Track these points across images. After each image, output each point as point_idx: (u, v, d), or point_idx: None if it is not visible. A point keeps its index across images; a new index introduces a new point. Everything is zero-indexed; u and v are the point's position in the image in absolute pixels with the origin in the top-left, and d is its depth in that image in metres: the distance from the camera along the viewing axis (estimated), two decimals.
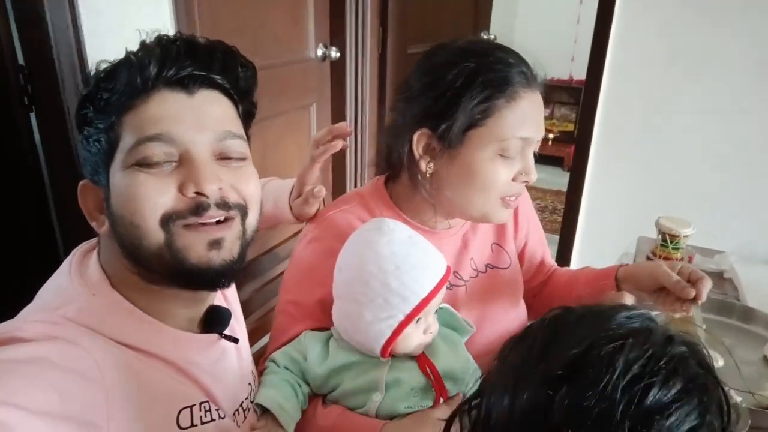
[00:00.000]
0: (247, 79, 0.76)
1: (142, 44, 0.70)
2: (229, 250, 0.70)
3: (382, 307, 0.84)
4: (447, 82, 0.92)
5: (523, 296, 1.19)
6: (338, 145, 0.99)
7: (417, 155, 0.97)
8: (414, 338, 0.87)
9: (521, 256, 1.21)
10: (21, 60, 1.24)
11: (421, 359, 0.88)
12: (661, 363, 0.44)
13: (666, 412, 0.42)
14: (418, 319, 0.85)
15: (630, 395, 0.42)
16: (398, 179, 1.05)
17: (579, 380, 0.43)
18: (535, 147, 0.97)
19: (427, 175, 0.98)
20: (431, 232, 1.05)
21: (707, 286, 0.95)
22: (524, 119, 0.92)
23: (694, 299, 0.94)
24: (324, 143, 1.00)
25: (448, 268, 0.88)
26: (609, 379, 0.42)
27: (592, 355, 0.44)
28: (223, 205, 0.69)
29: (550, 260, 1.27)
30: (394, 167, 1.04)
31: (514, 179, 0.96)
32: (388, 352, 0.86)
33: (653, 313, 0.50)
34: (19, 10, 1.21)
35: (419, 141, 0.96)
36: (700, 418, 0.43)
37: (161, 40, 0.70)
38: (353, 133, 2.40)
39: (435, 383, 0.87)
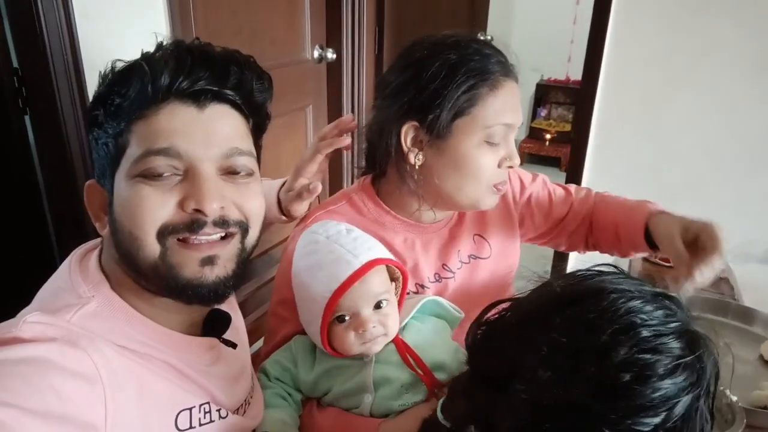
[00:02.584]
0: (261, 92, 0.75)
1: (159, 48, 0.69)
2: (224, 267, 0.70)
3: (306, 312, 0.88)
4: (430, 74, 0.93)
5: (579, 239, 1.22)
6: (346, 139, 1.00)
7: (405, 148, 0.98)
8: (346, 339, 0.86)
9: (538, 223, 1.20)
10: (15, 63, 1.24)
11: (402, 353, 0.88)
12: (668, 326, 0.50)
13: (649, 355, 0.48)
14: (343, 320, 0.86)
15: (622, 326, 0.48)
16: (384, 176, 1.06)
17: (586, 303, 0.50)
18: (515, 133, 1.00)
19: (416, 167, 0.99)
20: (419, 226, 1.06)
21: (708, 270, 0.91)
22: (506, 106, 0.95)
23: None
24: (331, 137, 1.00)
25: (366, 264, 0.84)
26: (611, 309, 0.49)
27: (604, 294, 0.51)
28: (223, 223, 0.68)
29: (570, 198, 1.22)
30: (379, 164, 1.05)
31: (499, 165, 0.98)
32: (332, 352, 0.88)
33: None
34: (13, 13, 1.21)
35: (407, 134, 0.97)
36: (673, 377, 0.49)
37: (177, 48, 0.69)
38: (350, 135, 2.40)
39: (423, 377, 0.87)
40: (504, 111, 0.95)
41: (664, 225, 1.01)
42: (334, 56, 2.24)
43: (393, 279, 0.93)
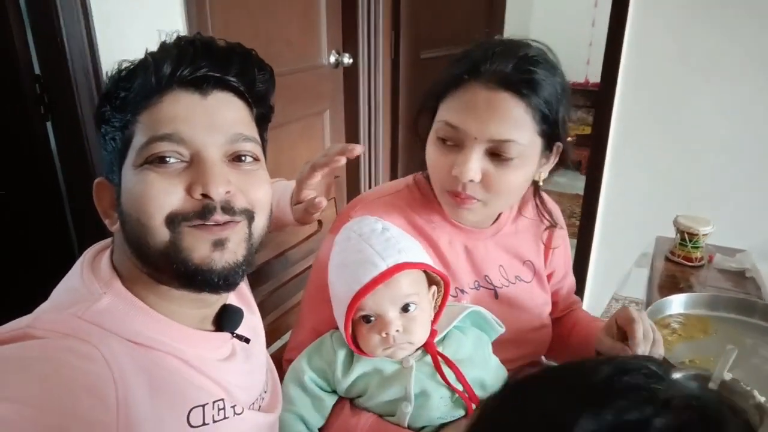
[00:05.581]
0: (263, 82, 0.75)
1: (162, 45, 0.71)
2: (234, 252, 0.69)
3: (335, 308, 0.87)
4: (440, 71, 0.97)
5: None
6: (342, 160, 0.96)
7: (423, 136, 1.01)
8: (370, 340, 0.85)
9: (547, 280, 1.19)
10: (37, 69, 1.27)
11: (438, 367, 0.86)
12: None
13: None
14: (369, 320, 0.84)
15: None
16: None
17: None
18: (492, 148, 0.89)
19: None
20: (464, 229, 1.04)
21: (641, 344, 0.90)
22: (461, 108, 0.90)
23: None
24: (331, 155, 0.96)
25: (392, 267, 0.82)
26: None
27: None
28: (229, 209, 0.68)
29: (569, 292, 1.23)
30: None
31: (453, 171, 0.91)
32: (357, 351, 0.87)
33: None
34: (34, 21, 1.24)
35: (424, 123, 1.01)
36: None
37: (180, 41, 0.71)
38: (367, 139, 2.40)
39: (461, 393, 0.85)
40: (454, 111, 0.90)
41: (598, 338, 1.01)
42: (351, 61, 2.25)
43: (433, 283, 0.90)
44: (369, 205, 1.02)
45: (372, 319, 0.84)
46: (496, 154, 0.89)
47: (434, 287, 0.91)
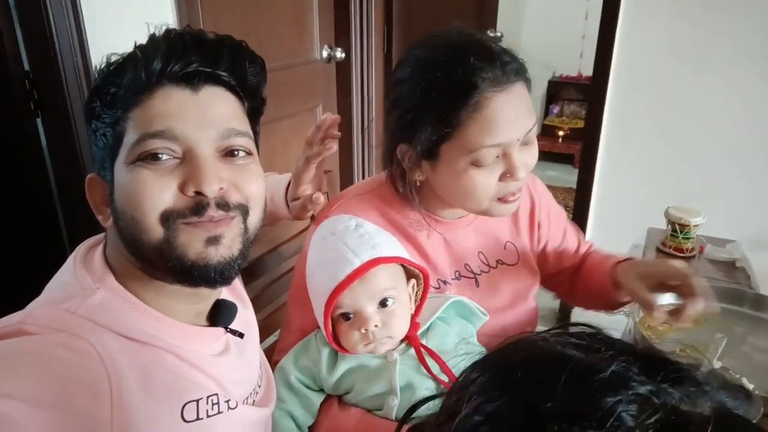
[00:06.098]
0: (255, 75, 0.75)
1: (151, 38, 0.70)
2: (229, 247, 0.69)
3: (315, 307, 0.87)
4: (407, 100, 0.91)
5: (560, 282, 1.20)
6: (333, 147, 0.96)
7: (405, 167, 0.97)
8: (350, 338, 0.85)
9: (544, 252, 1.18)
10: (27, 66, 1.26)
11: (421, 358, 0.86)
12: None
13: None
14: (348, 318, 0.85)
15: None
16: None
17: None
18: (524, 140, 0.90)
19: (417, 184, 0.99)
20: (443, 222, 1.04)
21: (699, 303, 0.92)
22: (493, 126, 0.87)
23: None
24: (316, 141, 0.97)
25: (367, 263, 0.82)
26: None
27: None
28: (224, 205, 0.68)
29: (577, 246, 1.23)
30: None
31: (502, 179, 0.91)
32: (339, 348, 0.87)
33: None
34: (24, 18, 1.23)
35: (402, 154, 0.96)
36: None
37: (169, 35, 0.69)
38: (360, 134, 2.40)
39: (447, 384, 0.85)
40: (489, 132, 0.87)
41: (624, 277, 1.02)
42: (343, 55, 2.25)
43: (412, 276, 0.91)
44: (347, 203, 1.02)
45: (351, 316, 0.85)
46: (526, 140, 0.91)
47: (413, 280, 0.91)
